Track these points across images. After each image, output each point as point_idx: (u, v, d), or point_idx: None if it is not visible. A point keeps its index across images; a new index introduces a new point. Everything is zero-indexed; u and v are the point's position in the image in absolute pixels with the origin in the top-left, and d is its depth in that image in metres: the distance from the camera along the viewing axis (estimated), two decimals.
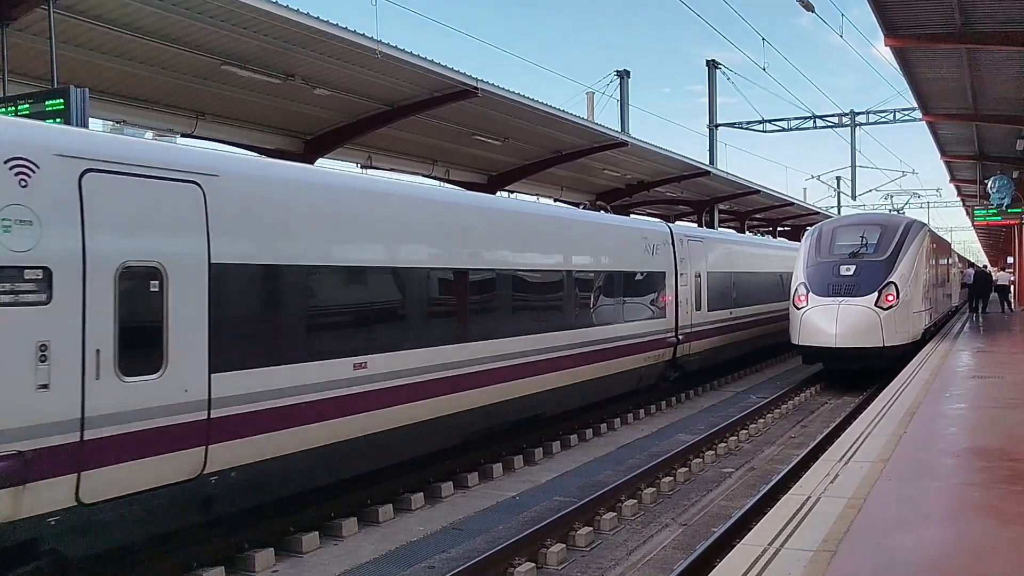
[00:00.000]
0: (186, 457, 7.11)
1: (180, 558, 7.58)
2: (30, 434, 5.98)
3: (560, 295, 13.36)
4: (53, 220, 6.20)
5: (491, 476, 11.29)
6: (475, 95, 15.06)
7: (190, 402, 7.13)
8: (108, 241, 6.58)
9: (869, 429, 9.82)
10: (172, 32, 11.38)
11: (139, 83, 12.73)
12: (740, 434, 14.12)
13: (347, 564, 8.04)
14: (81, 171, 6.45)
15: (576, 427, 14.12)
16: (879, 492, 7.02)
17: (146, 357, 6.81)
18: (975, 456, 8.56)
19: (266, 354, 7.92)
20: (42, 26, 10.01)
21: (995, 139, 24.27)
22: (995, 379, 14.04)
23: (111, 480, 6.53)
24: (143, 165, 6.96)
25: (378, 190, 10.24)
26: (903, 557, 5.49)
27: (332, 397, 8.58)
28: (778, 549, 5.67)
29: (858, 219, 21.65)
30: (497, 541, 8.39)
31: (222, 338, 7.39)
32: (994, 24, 13.41)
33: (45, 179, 6.19)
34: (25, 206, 6.02)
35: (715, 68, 38.30)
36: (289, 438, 8.13)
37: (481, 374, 11.04)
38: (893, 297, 18.12)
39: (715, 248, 20.74)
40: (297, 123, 15.81)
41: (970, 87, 17.59)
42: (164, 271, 6.97)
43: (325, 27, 11.75)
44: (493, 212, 12.65)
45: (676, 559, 8.03)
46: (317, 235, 8.69)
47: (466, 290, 11.21)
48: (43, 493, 6.09)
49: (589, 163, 22.45)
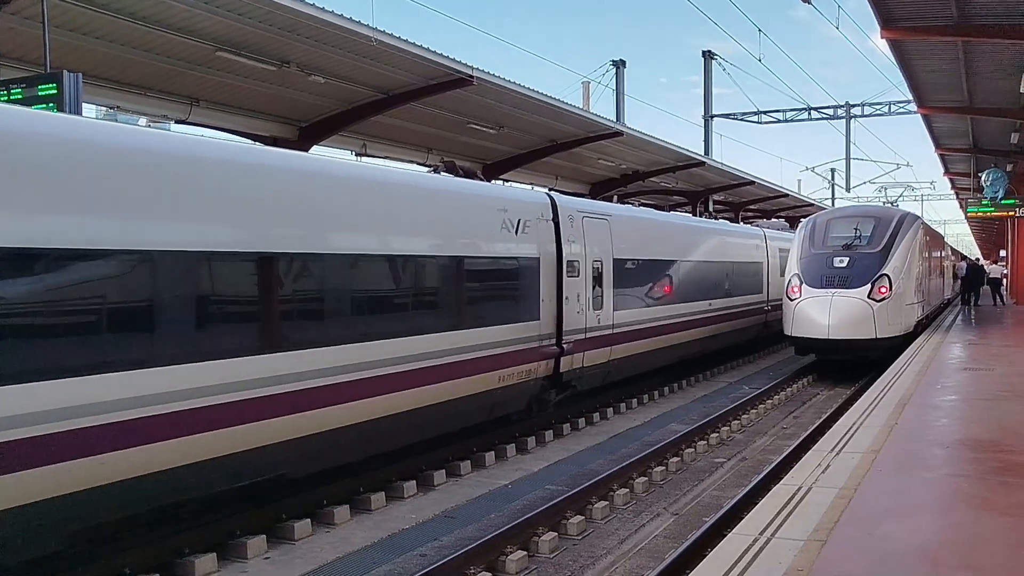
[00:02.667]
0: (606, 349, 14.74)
1: (172, 544, 7.59)
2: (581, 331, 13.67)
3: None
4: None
5: (484, 465, 11.31)
6: (470, 83, 15.02)
7: (605, 324, 14.64)
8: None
9: (861, 420, 9.86)
10: (167, 17, 11.30)
11: (133, 68, 12.65)
12: (732, 424, 14.16)
13: (339, 551, 8.05)
14: (582, 217, 13.98)
15: (569, 416, 14.14)
16: (870, 483, 7.06)
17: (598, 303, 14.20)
18: (966, 447, 8.60)
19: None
20: (35, 10, 9.93)
21: (989, 132, 24.28)
22: (986, 371, 14.11)
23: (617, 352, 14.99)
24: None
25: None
26: (894, 547, 5.52)
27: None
28: (769, 538, 5.70)
29: (852, 211, 21.66)
30: (489, 529, 8.40)
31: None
32: (990, 17, 13.39)
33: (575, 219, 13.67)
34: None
35: (711, 59, 38.22)
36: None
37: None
38: (886, 289, 18.18)
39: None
40: (292, 110, 15.76)
41: (965, 80, 17.58)
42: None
43: (321, 14, 11.69)
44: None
45: (668, 548, 8.06)
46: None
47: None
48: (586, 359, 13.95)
49: (584, 153, 22.44)
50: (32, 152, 6.41)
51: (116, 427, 6.68)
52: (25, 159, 6.35)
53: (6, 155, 6.22)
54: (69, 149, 6.67)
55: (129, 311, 7.01)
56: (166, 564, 7.40)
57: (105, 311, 6.85)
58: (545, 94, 17.35)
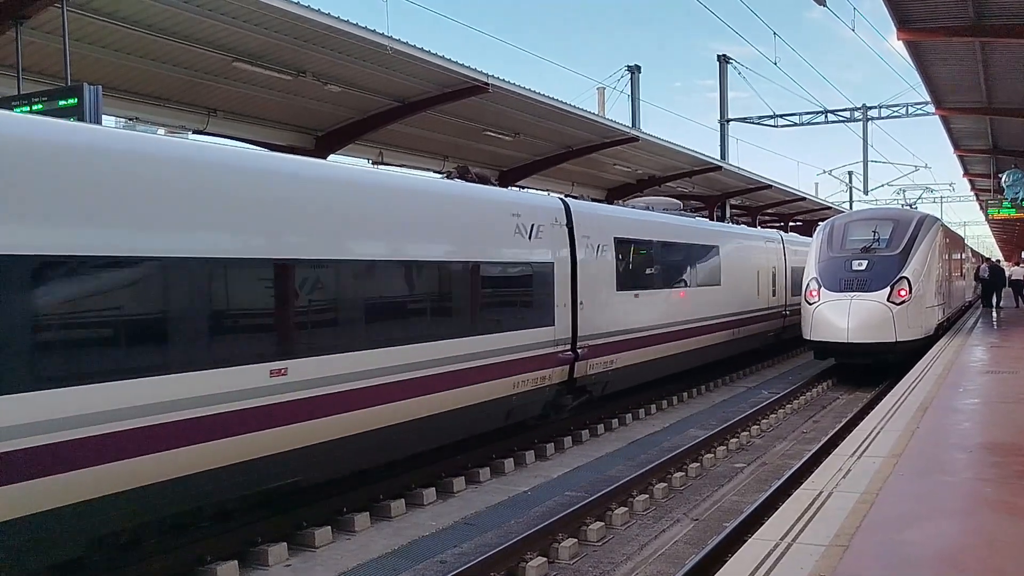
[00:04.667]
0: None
1: (194, 552, 7.65)
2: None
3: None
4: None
5: (503, 471, 11.31)
6: (486, 91, 15.05)
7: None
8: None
9: (881, 424, 9.79)
10: (184, 29, 11.42)
11: (151, 80, 12.78)
12: (752, 429, 14.09)
13: (359, 559, 8.08)
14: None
15: (588, 422, 14.11)
16: (892, 487, 7.01)
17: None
18: (988, 451, 8.52)
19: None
20: (55, 24, 10.06)
21: (1009, 133, 24.09)
22: (1009, 374, 13.96)
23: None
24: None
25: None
26: (916, 552, 5.48)
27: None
28: (790, 544, 5.67)
29: (870, 214, 21.51)
30: (509, 536, 8.41)
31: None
32: (1008, 17, 13.31)
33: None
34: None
35: (726, 63, 38.18)
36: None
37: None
38: (906, 292, 18.04)
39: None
40: (308, 119, 15.85)
41: (984, 80, 17.47)
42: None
43: (336, 23, 11.76)
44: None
45: (688, 554, 8.04)
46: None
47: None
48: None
49: (600, 158, 22.42)
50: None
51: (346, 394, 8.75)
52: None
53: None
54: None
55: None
56: (188, 572, 7.45)
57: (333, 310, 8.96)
58: (560, 100, 17.35)
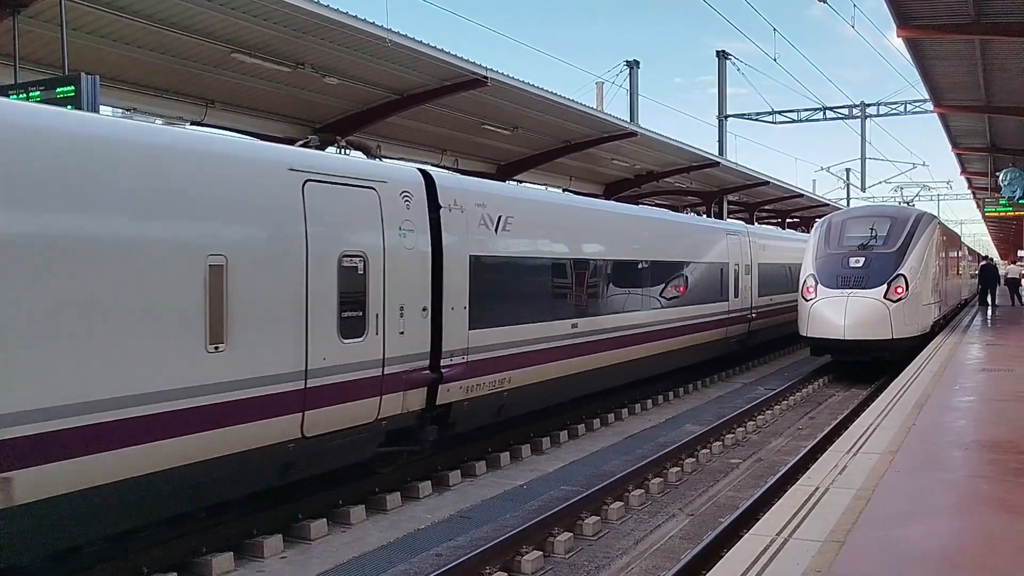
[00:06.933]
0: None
1: (190, 543, 7.64)
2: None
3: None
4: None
5: (499, 465, 11.32)
6: (485, 84, 15.02)
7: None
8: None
9: (878, 421, 9.81)
10: (182, 20, 11.37)
11: (149, 71, 12.73)
12: (748, 425, 14.11)
13: (355, 551, 8.08)
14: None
15: (584, 417, 14.12)
16: (888, 484, 7.02)
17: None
18: (984, 448, 8.54)
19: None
20: (53, 13, 10.02)
21: (1007, 131, 24.09)
22: (1005, 372, 14.00)
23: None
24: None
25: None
26: (912, 549, 5.49)
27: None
28: (786, 539, 5.67)
29: (868, 211, 21.53)
30: (505, 529, 8.41)
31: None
32: (1008, 14, 13.29)
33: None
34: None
35: (725, 59, 38.11)
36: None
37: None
38: (902, 289, 18.07)
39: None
40: (306, 111, 15.80)
41: (983, 79, 17.45)
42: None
43: (335, 15, 11.72)
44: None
45: (683, 549, 8.05)
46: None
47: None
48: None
49: (598, 153, 22.39)
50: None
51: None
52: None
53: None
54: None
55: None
56: (184, 563, 7.45)
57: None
58: (559, 95, 17.32)
